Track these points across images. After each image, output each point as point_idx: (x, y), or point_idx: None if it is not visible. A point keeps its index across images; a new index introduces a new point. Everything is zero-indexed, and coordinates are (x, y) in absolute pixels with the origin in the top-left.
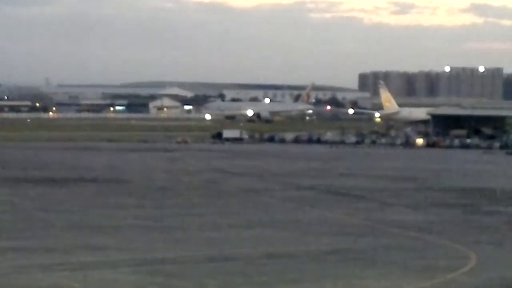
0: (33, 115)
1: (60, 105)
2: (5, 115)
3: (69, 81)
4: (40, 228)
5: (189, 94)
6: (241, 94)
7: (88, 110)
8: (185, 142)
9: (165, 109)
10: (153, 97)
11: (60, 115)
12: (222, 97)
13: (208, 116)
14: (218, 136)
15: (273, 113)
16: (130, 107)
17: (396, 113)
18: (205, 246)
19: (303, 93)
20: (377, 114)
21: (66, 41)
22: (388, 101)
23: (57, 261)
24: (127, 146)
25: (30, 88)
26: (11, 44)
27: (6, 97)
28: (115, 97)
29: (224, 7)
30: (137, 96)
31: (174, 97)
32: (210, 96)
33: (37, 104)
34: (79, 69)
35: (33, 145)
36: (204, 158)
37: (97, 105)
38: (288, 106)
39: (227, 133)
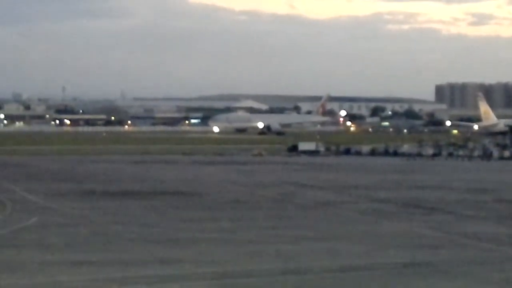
0: (108, 128)
1: (135, 118)
2: (80, 128)
3: (144, 94)
4: (116, 241)
5: (264, 106)
6: (317, 106)
7: (163, 123)
8: (261, 155)
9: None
10: (228, 110)
11: (135, 128)
12: (297, 109)
13: (216, 129)
14: (294, 148)
15: (284, 125)
16: (205, 120)
17: (495, 124)
18: (280, 259)
19: (318, 104)
20: (475, 126)
21: (141, 54)
22: (487, 113)
23: (133, 275)
24: (202, 159)
25: (105, 102)
26: (87, 57)
27: (81, 111)
28: (190, 110)
29: (300, 19)
30: (212, 109)
31: (249, 109)
32: (285, 109)
33: (112, 118)
34: (154, 82)
35: (108, 159)
36: (279, 171)
37: (172, 118)
38: (300, 118)
39: (303, 146)
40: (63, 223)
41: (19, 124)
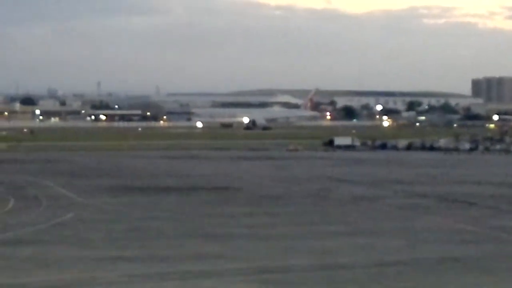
0: (144, 124)
1: (171, 113)
2: (115, 124)
3: (179, 89)
4: (152, 237)
5: (299, 101)
6: (353, 101)
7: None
8: (296, 150)
9: None
10: (263, 105)
11: (171, 123)
12: (333, 104)
13: (199, 124)
14: (330, 143)
15: (269, 120)
16: None
17: None
18: (317, 254)
19: (306, 98)
20: None
21: (177, 50)
22: None
23: (169, 270)
24: (238, 154)
25: (140, 97)
26: (122, 53)
27: (116, 106)
28: (225, 105)
29: (336, 14)
30: (248, 104)
31: (285, 104)
32: (321, 104)
33: (148, 113)
34: (190, 77)
35: (144, 154)
36: (315, 166)
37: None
38: (286, 112)
39: (338, 141)
40: (99, 218)
41: (54, 120)
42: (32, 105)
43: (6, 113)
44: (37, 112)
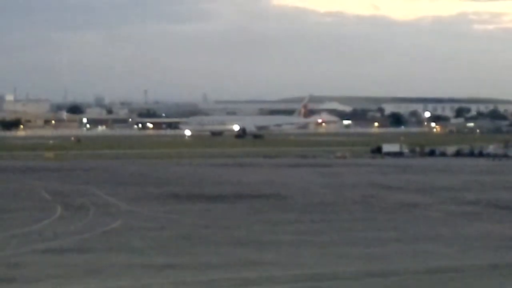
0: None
1: None
2: (162, 132)
3: (226, 97)
4: (200, 244)
5: (348, 108)
6: (401, 107)
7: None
8: (344, 157)
9: (323, 124)
10: (311, 112)
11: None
12: (381, 111)
13: (187, 132)
14: (378, 150)
15: (260, 128)
16: None
17: None
18: (365, 261)
19: (300, 105)
20: None
21: (224, 57)
22: None
23: (218, 277)
24: (286, 161)
25: (187, 105)
26: (169, 61)
27: (163, 114)
28: (272, 113)
29: (385, 20)
30: (296, 111)
31: (333, 111)
32: (369, 110)
33: None
34: (237, 85)
35: (192, 162)
36: (363, 173)
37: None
38: (278, 120)
39: (386, 148)
40: (146, 226)
41: (101, 128)
42: (79, 113)
43: (53, 122)
44: (84, 120)
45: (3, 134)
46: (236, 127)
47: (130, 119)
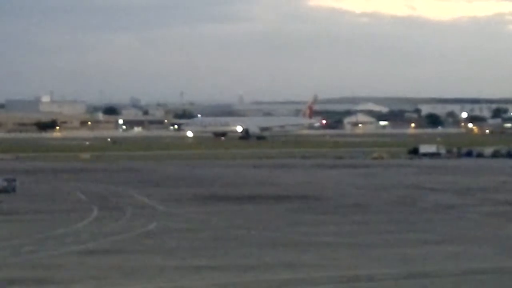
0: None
1: None
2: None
3: (262, 98)
4: (236, 246)
5: (384, 109)
6: (438, 108)
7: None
8: (381, 157)
9: (360, 124)
10: (347, 113)
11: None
12: (418, 112)
13: (189, 134)
14: (415, 151)
15: (263, 129)
16: (324, 123)
17: None
18: (402, 263)
19: (305, 106)
20: None
21: (260, 58)
22: None
23: (254, 279)
24: (322, 162)
25: (223, 106)
26: (205, 62)
27: (199, 115)
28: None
29: (421, 20)
30: (332, 112)
31: (369, 112)
32: (405, 111)
33: None
34: (273, 85)
35: (228, 163)
36: (400, 174)
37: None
38: (282, 121)
39: (423, 148)
40: (183, 228)
41: (137, 129)
42: (115, 115)
43: (89, 123)
44: (120, 121)
45: (39, 135)
46: (239, 128)
47: (166, 120)
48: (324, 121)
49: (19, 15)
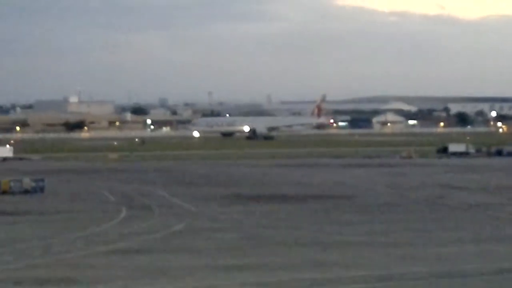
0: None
1: None
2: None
3: (290, 97)
4: (265, 245)
5: (413, 108)
6: (467, 107)
7: (311, 126)
8: (410, 157)
9: (388, 124)
10: (376, 112)
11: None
12: (447, 110)
13: (196, 134)
14: (444, 150)
15: (271, 129)
16: (353, 123)
17: None
18: (433, 262)
19: (314, 105)
20: None
21: (288, 57)
22: None
23: (284, 279)
24: (351, 161)
25: (251, 105)
26: (233, 61)
27: (227, 115)
28: (337, 113)
29: (450, 19)
30: (360, 112)
31: (398, 111)
32: (434, 110)
33: None
34: (301, 85)
35: (256, 162)
36: (429, 173)
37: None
38: (289, 121)
39: (453, 147)
40: (211, 227)
41: (165, 129)
42: (143, 115)
43: (117, 123)
44: (148, 121)
45: (68, 136)
46: (246, 128)
47: (193, 120)
48: (332, 121)
49: (47, 15)
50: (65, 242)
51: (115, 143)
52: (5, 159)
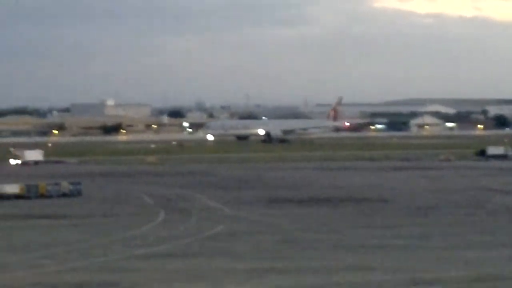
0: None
1: None
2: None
3: (327, 100)
4: (303, 248)
5: (451, 110)
6: (505, 109)
7: (347, 129)
8: (448, 159)
9: (426, 126)
10: (414, 115)
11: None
12: (485, 113)
13: (210, 137)
14: (482, 153)
15: (286, 132)
16: (390, 125)
17: None
18: (471, 266)
19: (330, 108)
20: None
21: (325, 60)
22: None
23: (322, 282)
24: (389, 164)
25: (288, 108)
26: (270, 64)
27: (264, 118)
28: (374, 116)
29: (488, 21)
30: (398, 114)
31: (436, 114)
32: (472, 112)
33: None
34: (338, 88)
35: (294, 165)
36: (468, 176)
37: (357, 123)
38: (305, 123)
39: (491, 150)
40: (249, 230)
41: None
42: (180, 118)
43: (154, 126)
44: (185, 124)
45: (105, 139)
46: (261, 131)
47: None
48: (347, 124)
49: (84, 19)
50: (103, 246)
51: (152, 146)
52: (36, 162)
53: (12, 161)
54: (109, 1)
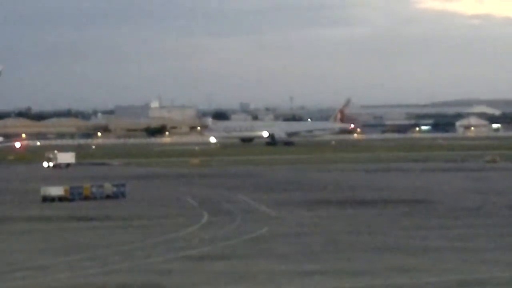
0: (337, 136)
1: (365, 126)
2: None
3: (373, 101)
4: (347, 250)
5: (496, 112)
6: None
7: (393, 131)
8: (494, 161)
9: (472, 127)
10: (460, 116)
11: (365, 136)
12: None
13: (212, 139)
14: None
15: (290, 134)
16: (436, 127)
17: None
18: None
19: (336, 110)
20: None
21: (370, 61)
22: None
23: (365, 284)
24: (434, 166)
25: (333, 110)
26: (315, 66)
27: (309, 119)
28: (420, 117)
29: None
30: (443, 115)
31: (482, 115)
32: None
33: None
34: (384, 89)
35: (339, 167)
36: None
37: (402, 125)
38: (310, 125)
39: None
40: (293, 232)
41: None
42: (224, 120)
43: (198, 128)
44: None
45: (149, 141)
46: (265, 134)
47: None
48: (352, 126)
49: (129, 21)
50: (147, 247)
51: (197, 148)
52: (68, 165)
53: (45, 164)
54: (155, 3)
